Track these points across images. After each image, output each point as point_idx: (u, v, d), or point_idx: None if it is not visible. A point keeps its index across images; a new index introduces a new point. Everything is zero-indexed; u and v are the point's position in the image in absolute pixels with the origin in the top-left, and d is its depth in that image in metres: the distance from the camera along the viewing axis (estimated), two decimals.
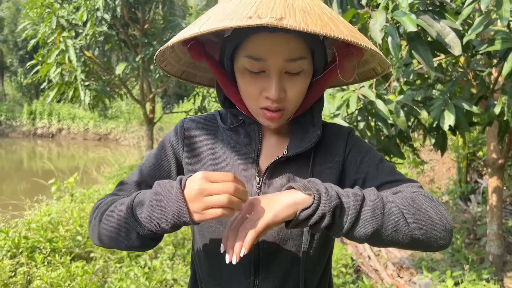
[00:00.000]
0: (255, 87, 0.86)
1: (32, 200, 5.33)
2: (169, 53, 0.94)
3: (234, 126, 0.96)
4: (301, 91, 0.87)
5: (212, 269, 0.95)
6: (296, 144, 0.94)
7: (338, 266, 3.78)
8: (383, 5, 1.99)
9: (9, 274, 3.26)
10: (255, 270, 0.92)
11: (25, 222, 4.19)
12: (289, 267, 0.92)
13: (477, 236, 4.95)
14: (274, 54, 0.81)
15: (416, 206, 0.80)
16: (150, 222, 0.76)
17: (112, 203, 0.86)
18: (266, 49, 0.81)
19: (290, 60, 0.82)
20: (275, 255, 0.92)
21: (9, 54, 24.72)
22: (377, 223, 0.75)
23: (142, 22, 7.50)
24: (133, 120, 20.56)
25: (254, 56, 0.82)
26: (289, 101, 0.87)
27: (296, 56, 0.83)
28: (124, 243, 0.82)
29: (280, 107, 0.86)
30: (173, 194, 0.74)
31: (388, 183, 0.89)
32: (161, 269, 3.56)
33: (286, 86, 0.85)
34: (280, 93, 0.84)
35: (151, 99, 8.47)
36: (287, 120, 0.94)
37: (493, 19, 2.07)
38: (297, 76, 0.85)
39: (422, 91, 2.88)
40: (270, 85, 0.83)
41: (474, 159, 6.27)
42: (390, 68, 0.88)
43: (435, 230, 0.79)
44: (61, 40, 6.23)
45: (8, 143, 19.09)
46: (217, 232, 0.93)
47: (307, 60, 0.85)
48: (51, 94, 6.68)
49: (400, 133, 2.78)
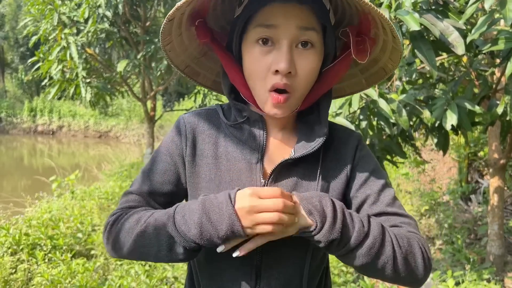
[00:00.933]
0: (264, 62, 0.83)
1: (32, 197, 5.34)
2: (175, 33, 0.91)
3: (238, 123, 0.93)
4: (311, 68, 0.85)
5: (212, 273, 0.92)
6: (303, 144, 0.91)
7: (339, 265, 3.78)
8: (386, 3, 1.98)
9: (10, 271, 3.27)
10: (256, 275, 0.90)
11: (25, 219, 4.20)
12: (291, 273, 0.90)
13: (478, 236, 4.95)
14: (287, 19, 0.81)
15: (409, 250, 0.83)
16: (201, 238, 0.77)
17: (138, 218, 0.86)
18: (279, 15, 0.81)
19: (302, 28, 0.81)
20: (277, 261, 0.89)
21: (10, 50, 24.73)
22: (367, 260, 0.80)
23: (143, 20, 7.49)
24: (133, 118, 20.55)
25: (266, 23, 0.82)
26: (298, 80, 0.84)
27: (309, 25, 0.82)
28: (166, 258, 0.84)
29: (288, 86, 0.83)
30: (225, 210, 0.75)
31: (388, 215, 0.91)
32: (161, 267, 3.56)
33: (296, 62, 0.83)
34: (290, 65, 0.81)
35: (152, 97, 8.46)
36: (293, 111, 0.90)
37: (496, 19, 2.06)
38: (308, 50, 0.83)
39: (425, 90, 2.88)
40: (280, 56, 0.81)
41: (476, 159, 6.27)
42: (401, 59, 0.87)
43: (416, 277, 0.84)
44: (63, 37, 6.22)
45: (9, 140, 19.10)
46: None
47: (318, 34, 0.84)
48: (52, 91, 6.68)
49: (402, 132, 2.78)
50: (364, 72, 1.01)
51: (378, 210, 0.90)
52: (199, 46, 0.99)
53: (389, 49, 0.87)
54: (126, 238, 0.85)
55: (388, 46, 0.87)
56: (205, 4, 0.88)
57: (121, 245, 0.87)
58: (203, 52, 1.02)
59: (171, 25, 0.87)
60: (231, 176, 0.91)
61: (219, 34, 0.95)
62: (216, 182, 0.91)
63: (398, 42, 0.82)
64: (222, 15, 0.97)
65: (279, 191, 0.76)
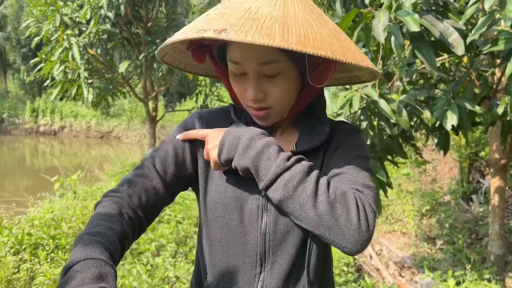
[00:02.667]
0: (240, 88, 0.92)
1: (35, 197, 5.35)
2: (170, 50, 0.97)
3: (247, 123, 0.97)
4: (282, 91, 0.90)
5: (217, 260, 0.96)
6: (305, 141, 0.95)
7: (340, 264, 3.79)
8: (386, 4, 1.99)
9: (13, 271, 3.28)
10: (261, 262, 0.93)
11: (28, 219, 4.21)
12: (295, 259, 0.93)
13: (479, 236, 4.96)
14: (247, 59, 0.86)
15: (339, 198, 0.81)
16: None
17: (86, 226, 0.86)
18: (240, 54, 0.86)
19: (262, 63, 0.86)
20: (281, 247, 0.92)
21: (12, 51, 24.80)
22: (285, 195, 0.82)
23: (145, 20, 7.51)
24: (135, 118, 20.60)
25: (234, 60, 0.88)
26: (272, 100, 0.90)
27: (267, 60, 0.85)
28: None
29: (262, 107, 0.90)
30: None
31: (341, 175, 0.89)
32: (163, 266, 3.58)
33: (265, 87, 0.89)
34: (257, 94, 0.88)
35: (154, 97, 8.49)
36: (282, 118, 0.96)
37: (496, 19, 2.06)
38: (275, 78, 0.88)
39: (425, 90, 2.88)
40: (249, 86, 0.89)
41: (477, 159, 6.27)
42: (377, 78, 0.90)
43: (347, 231, 0.80)
44: (65, 38, 6.24)
45: (11, 140, 19.15)
46: (224, 224, 0.94)
47: (282, 63, 0.87)
48: (54, 91, 6.70)
49: (403, 133, 2.78)
50: (345, 72, 1.05)
51: (334, 173, 0.91)
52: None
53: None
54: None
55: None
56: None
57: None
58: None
59: (165, 52, 0.95)
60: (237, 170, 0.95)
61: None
62: (224, 173, 0.96)
63: (375, 72, 0.87)
64: None
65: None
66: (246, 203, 0.93)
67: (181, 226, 4.60)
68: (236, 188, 0.94)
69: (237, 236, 0.93)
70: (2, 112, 21.23)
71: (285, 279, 0.92)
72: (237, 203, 0.94)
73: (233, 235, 0.94)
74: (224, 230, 0.95)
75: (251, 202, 0.93)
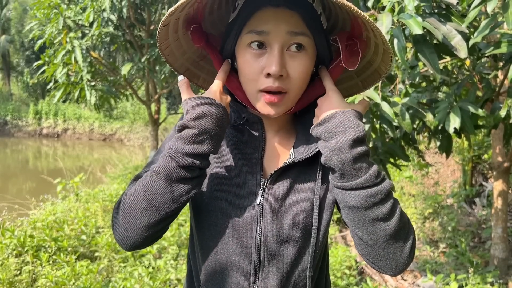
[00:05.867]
0: (256, 65, 0.86)
1: (37, 199, 5.37)
2: (172, 37, 0.93)
3: (237, 124, 0.96)
4: (303, 70, 0.87)
5: (209, 269, 0.93)
6: (302, 146, 0.93)
7: (342, 268, 3.77)
8: (389, 7, 1.99)
9: (15, 273, 3.29)
10: (255, 271, 0.90)
11: (30, 221, 4.22)
12: (290, 269, 0.91)
13: (482, 239, 4.94)
14: (277, 25, 0.83)
15: (406, 227, 0.84)
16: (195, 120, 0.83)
17: (138, 181, 0.88)
18: (269, 21, 0.83)
19: (292, 33, 0.84)
20: (276, 257, 0.90)
21: (16, 54, 24.90)
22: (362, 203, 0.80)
23: (148, 23, 7.53)
24: (138, 121, 20.63)
25: (257, 30, 0.84)
26: (290, 82, 0.86)
27: (298, 29, 0.84)
28: (182, 190, 0.82)
29: (281, 88, 0.85)
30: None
31: None
32: (165, 269, 3.57)
33: (287, 64, 0.85)
34: (281, 69, 0.83)
35: (157, 100, 8.50)
36: (288, 111, 0.93)
37: (499, 22, 2.06)
38: (299, 53, 0.86)
39: (428, 93, 2.88)
40: (272, 60, 0.83)
41: (480, 162, 6.25)
42: (392, 62, 0.88)
43: (398, 259, 0.83)
44: (68, 40, 6.26)
45: (14, 143, 19.21)
46: (217, 232, 0.92)
47: (309, 38, 0.86)
48: (57, 94, 6.71)
49: (405, 136, 2.78)
50: (360, 75, 1.03)
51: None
52: (197, 50, 1.01)
53: (380, 52, 0.89)
54: (135, 200, 0.84)
55: (379, 49, 0.89)
56: (200, 9, 0.90)
57: (132, 212, 0.85)
58: (202, 56, 1.04)
59: (167, 30, 0.89)
60: (232, 174, 0.93)
61: (216, 39, 0.98)
62: (218, 179, 0.93)
63: (387, 44, 0.83)
64: (219, 20, 1.00)
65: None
66: (240, 211, 0.91)
67: (182, 228, 4.60)
68: (229, 195, 0.92)
69: (230, 245, 0.90)
70: (5, 115, 21.30)
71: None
72: (231, 211, 0.91)
73: (226, 244, 0.91)
74: (216, 239, 0.92)
75: (245, 210, 0.90)
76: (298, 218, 0.90)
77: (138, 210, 0.83)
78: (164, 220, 0.84)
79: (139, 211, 0.83)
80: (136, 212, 0.84)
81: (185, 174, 0.81)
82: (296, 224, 0.90)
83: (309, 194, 0.92)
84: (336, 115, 0.82)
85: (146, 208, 0.82)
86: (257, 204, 0.90)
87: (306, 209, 0.91)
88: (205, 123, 0.81)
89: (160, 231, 0.88)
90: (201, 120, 0.81)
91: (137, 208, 0.83)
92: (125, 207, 0.86)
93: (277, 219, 0.90)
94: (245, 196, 0.91)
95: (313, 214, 0.91)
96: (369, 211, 0.80)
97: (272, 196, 0.91)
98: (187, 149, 0.80)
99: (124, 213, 0.86)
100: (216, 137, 0.83)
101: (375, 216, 0.80)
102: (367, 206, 0.80)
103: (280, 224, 0.90)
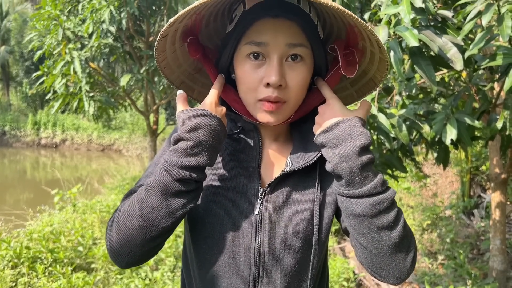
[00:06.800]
0: (255, 76, 0.87)
1: (34, 210, 5.34)
2: (170, 50, 0.94)
3: (234, 133, 0.96)
4: (302, 80, 0.88)
5: (206, 282, 0.92)
6: (300, 154, 0.93)
7: (340, 280, 3.75)
8: (385, 20, 2.00)
9: (10, 284, 3.26)
10: (254, 283, 0.89)
11: (27, 232, 4.20)
12: (290, 280, 0.90)
13: (481, 251, 4.91)
14: (275, 36, 0.84)
15: (409, 236, 0.84)
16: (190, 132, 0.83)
17: (133, 196, 0.86)
18: (268, 32, 0.84)
19: (291, 44, 0.85)
20: (275, 268, 0.89)
21: (15, 64, 24.94)
22: (367, 211, 0.80)
23: (147, 35, 7.57)
24: (136, 131, 20.61)
25: (256, 41, 0.85)
26: (289, 91, 0.87)
27: (297, 41, 0.85)
28: (179, 204, 0.81)
29: (279, 98, 0.86)
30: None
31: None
32: (162, 281, 3.55)
33: (286, 74, 0.86)
34: (280, 79, 0.84)
35: (155, 111, 8.51)
36: (286, 120, 0.93)
37: (494, 34, 2.08)
38: (298, 63, 0.87)
39: (424, 105, 2.89)
40: (271, 70, 0.84)
41: (477, 173, 6.25)
42: (388, 70, 0.89)
43: (401, 268, 0.83)
44: (67, 51, 6.28)
45: (12, 153, 19.14)
46: (214, 244, 0.90)
47: (307, 49, 0.87)
48: (55, 104, 6.72)
49: (402, 147, 2.78)
50: (354, 85, 1.04)
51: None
52: (193, 62, 1.02)
53: (376, 60, 0.90)
54: (130, 217, 0.82)
55: (375, 57, 0.90)
56: (197, 21, 0.91)
57: (127, 229, 0.83)
58: (197, 69, 1.05)
59: (165, 42, 0.90)
60: (228, 184, 0.92)
61: (212, 52, 0.98)
62: (213, 189, 0.92)
63: (384, 52, 0.84)
64: (215, 32, 1.01)
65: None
66: (237, 221, 0.89)
67: (180, 240, 4.57)
68: (226, 206, 0.90)
69: (228, 256, 0.89)
70: (4, 125, 21.26)
71: None
72: (228, 222, 0.89)
73: (224, 256, 0.89)
74: (213, 251, 0.90)
75: (243, 221, 0.89)
76: (298, 228, 0.90)
77: (133, 226, 0.82)
78: (160, 236, 0.83)
79: (134, 227, 0.82)
80: (131, 229, 0.82)
81: (181, 187, 0.80)
82: (296, 234, 0.89)
83: (308, 203, 0.91)
84: (342, 123, 0.82)
85: (142, 224, 0.81)
86: (255, 214, 0.89)
87: (306, 219, 0.90)
88: (200, 135, 0.80)
89: (156, 247, 0.86)
90: (196, 132, 0.80)
91: (132, 224, 0.82)
92: (119, 224, 0.84)
93: (277, 229, 0.89)
94: (243, 206, 0.90)
95: (313, 223, 0.90)
96: (374, 219, 0.80)
97: (271, 205, 0.90)
98: (183, 162, 0.79)
99: (119, 229, 0.84)
100: (212, 148, 0.82)
101: (380, 224, 0.80)
102: (373, 214, 0.80)
103: (279, 234, 0.89)
